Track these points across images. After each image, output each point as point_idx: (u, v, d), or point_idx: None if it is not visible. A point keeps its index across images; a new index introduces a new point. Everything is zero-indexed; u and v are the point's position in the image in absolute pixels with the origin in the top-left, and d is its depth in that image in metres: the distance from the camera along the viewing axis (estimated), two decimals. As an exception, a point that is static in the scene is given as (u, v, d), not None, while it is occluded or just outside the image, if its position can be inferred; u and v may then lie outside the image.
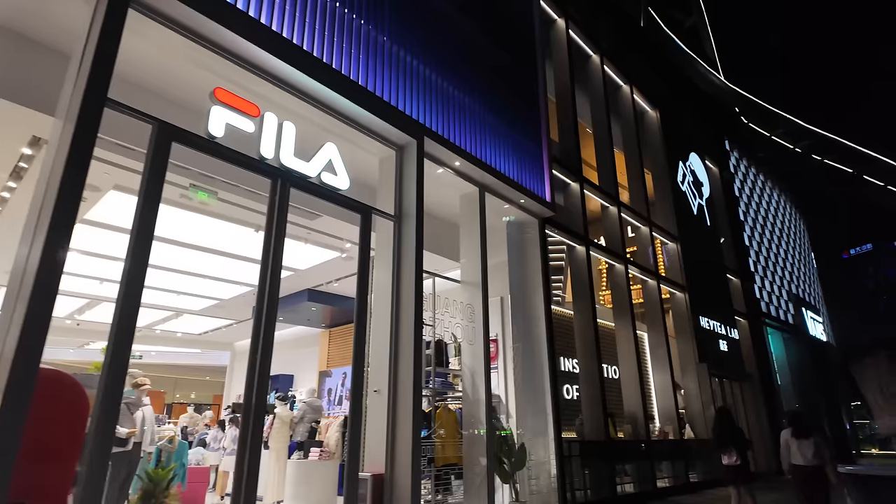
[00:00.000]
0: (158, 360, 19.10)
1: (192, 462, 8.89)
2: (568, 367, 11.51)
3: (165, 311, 13.12)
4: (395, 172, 6.60)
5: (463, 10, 8.24)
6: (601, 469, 9.24)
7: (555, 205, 9.36)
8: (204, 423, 12.16)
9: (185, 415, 12.59)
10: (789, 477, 6.34)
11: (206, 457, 9.64)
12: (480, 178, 8.03)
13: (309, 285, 10.79)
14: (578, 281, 10.62)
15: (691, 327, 13.71)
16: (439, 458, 6.84)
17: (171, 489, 6.22)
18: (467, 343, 7.41)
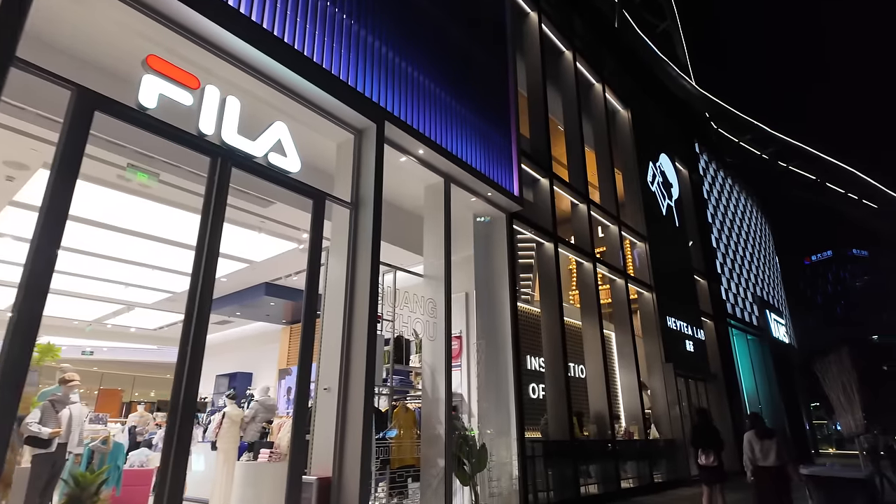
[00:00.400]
0: (111, 356, 18.23)
1: (136, 464, 8.35)
2: (535, 366, 11.30)
3: (116, 305, 12.44)
4: (353, 157, 6.24)
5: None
6: (565, 469, 9.05)
7: (523, 199, 9.12)
8: (155, 423, 11.54)
9: (134, 413, 11.92)
10: (752, 478, 6.41)
11: (152, 458, 9.07)
12: (446, 169, 7.73)
13: (266, 279, 10.31)
14: (546, 278, 10.42)
15: (658, 327, 13.69)
16: (395, 460, 6.50)
17: (101, 494, 5.74)
18: (428, 339, 7.10)
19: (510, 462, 7.89)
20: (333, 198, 5.87)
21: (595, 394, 10.97)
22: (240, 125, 5.02)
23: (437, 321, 7.16)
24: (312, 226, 5.53)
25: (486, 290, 8.79)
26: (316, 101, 5.82)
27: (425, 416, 6.91)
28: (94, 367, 24.86)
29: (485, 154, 8.50)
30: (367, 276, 5.66)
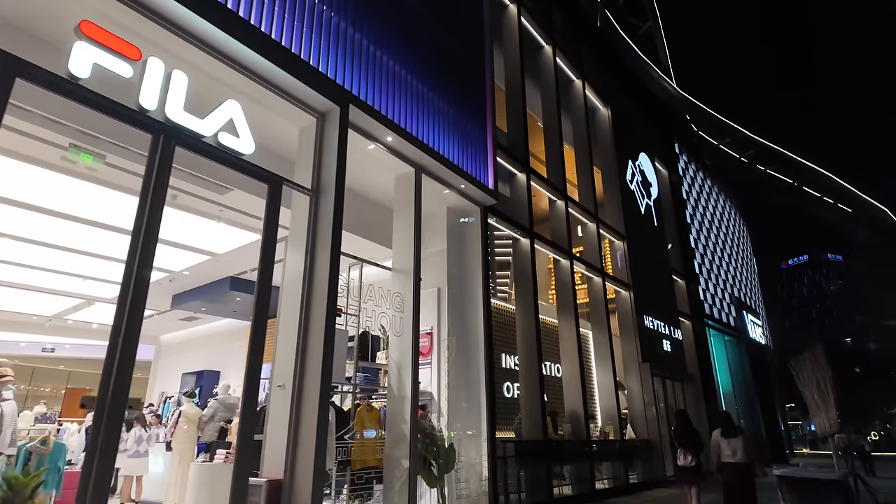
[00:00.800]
0: (73, 353, 17.56)
1: (87, 466, 7.91)
2: (510, 365, 11.08)
3: (75, 299, 11.90)
4: (315, 142, 5.93)
5: (402, -23, 7.64)
6: (538, 470, 8.82)
7: (497, 193, 8.88)
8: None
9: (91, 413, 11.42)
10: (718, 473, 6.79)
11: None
12: (417, 159, 7.44)
13: (232, 272, 9.91)
14: (521, 275, 10.19)
15: (635, 327, 13.57)
16: (357, 461, 6.19)
17: (36, 497, 5.32)
18: (394, 335, 6.80)
19: (480, 463, 7.63)
20: (292, 183, 5.55)
21: (571, 393, 10.78)
22: (189, 103, 4.68)
23: (405, 316, 6.87)
24: (267, 213, 5.20)
25: (459, 285, 8.53)
26: (275, 80, 5.49)
27: (390, 414, 6.62)
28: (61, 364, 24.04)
29: (459, 145, 8.24)
30: (326, 267, 5.35)
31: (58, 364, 23.52)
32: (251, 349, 4.76)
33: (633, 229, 14.88)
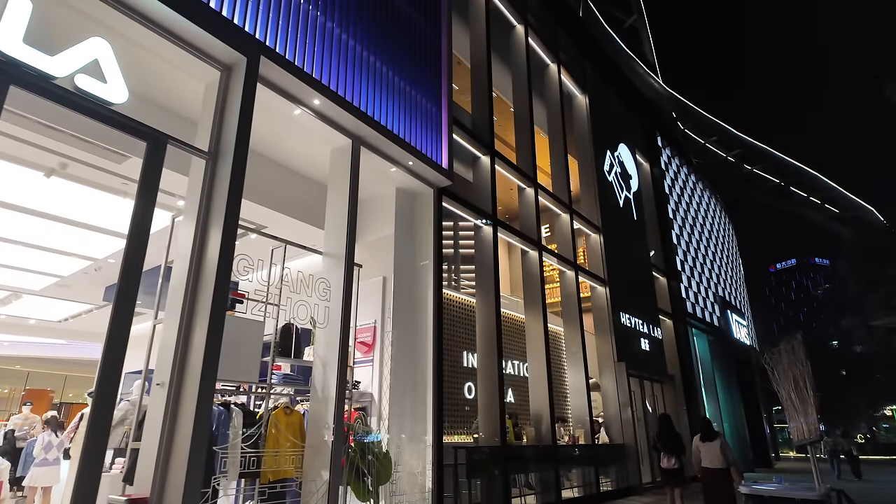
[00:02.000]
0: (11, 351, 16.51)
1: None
2: (473, 363, 10.27)
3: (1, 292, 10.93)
4: (216, 98, 5.07)
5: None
6: (495, 479, 7.99)
7: (452, 173, 8.06)
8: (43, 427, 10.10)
9: (17, 415, 10.45)
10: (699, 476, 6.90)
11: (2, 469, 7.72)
12: (354, 129, 6.61)
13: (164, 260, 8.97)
14: (483, 265, 9.38)
15: (611, 324, 12.80)
16: (269, 472, 5.33)
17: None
18: (319, 327, 5.95)
19: (423, 472, 6.79)
20: (180, 143, 4.68)
21: (537, 394, 9.96)
22: (53, 41, 3.82)
23: (331, 305, 6.02)
24: (143, 176, 4.34)
25: (407, 273, 7.70)
26: (163, 22, 4.63)
27: (312, 418, 5.76)
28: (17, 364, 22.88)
29: (408, 119, 7.41)
30: (218, 241, 4.49)
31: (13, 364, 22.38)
32: (108, 342, 3.89)
33: (611, 222, 14.13)
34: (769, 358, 5.03)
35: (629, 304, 13.88)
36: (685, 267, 18.80)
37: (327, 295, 6.01)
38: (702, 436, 7.09)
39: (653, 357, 14.52)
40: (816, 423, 4.70)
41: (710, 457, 6.84)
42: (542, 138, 13.74)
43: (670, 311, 17.01)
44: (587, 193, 14.15)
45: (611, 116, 16.51)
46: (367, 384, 7.24)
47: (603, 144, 14.95)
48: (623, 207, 15.33)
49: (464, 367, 9.87)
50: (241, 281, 5.44)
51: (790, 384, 4.76)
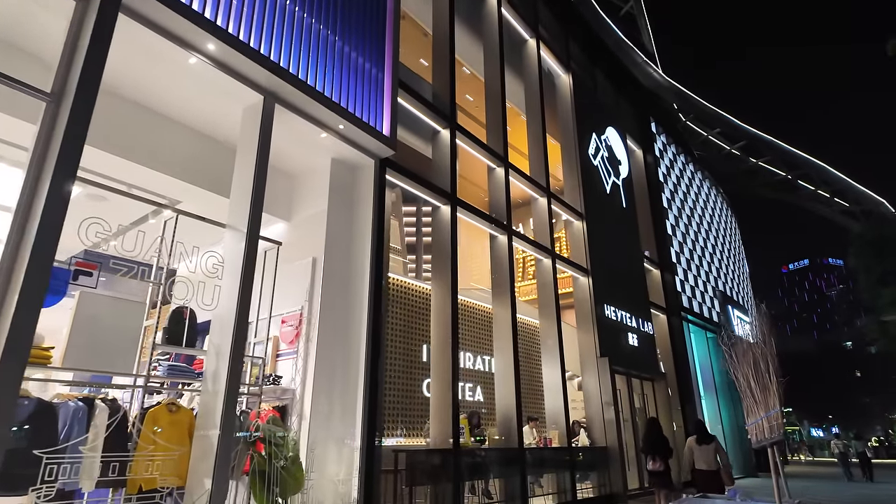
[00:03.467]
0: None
1: None
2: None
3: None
4: (67, 31, 4.23)
5: None
6: (444, 487, 7.07)
7: (395, 141, 7.16)
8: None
9: None
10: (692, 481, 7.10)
11: None
12: (266, 83, 5.74)
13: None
14: (439, 248, 8.49)
15: (593, 317, 11.84)
16: (140, 480, 4.46)
17: None
18: (203, 307, 5.08)
19: (349, 481, 5.89)
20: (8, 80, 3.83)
21: (503, 391, 9.03)
22: None
23: (226, 284, 5.16)
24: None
25: (341, 254, 6.82)
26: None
27: (201, 416, 4.89)
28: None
29: (339, 78, 6.52)
30: (43, 195, 3.64)
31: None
32: None
33: (595, 209, 13.17)
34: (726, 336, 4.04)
35: (616, 296, 12.90)
36: (681, 259, 17.76)
37: (217, 272, 5.13)
38: (697, 438, 7.33)
39: (642, 353, 13.52)
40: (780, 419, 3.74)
41: (705, 459, 7.09)
42: (522, 120, 12.85)
43: (664, 305, 15.99)
44: (570, 177, 13.22)
45: (598, 98, 15.57)
46: (288, 380, 6.35)
47: (588, 126, 14.00)
48: (610, 194, 14.36)
49: (424, 363, 8.97)
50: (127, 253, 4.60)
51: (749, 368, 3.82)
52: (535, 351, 11.49)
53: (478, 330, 10.56)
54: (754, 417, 4.00)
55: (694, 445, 7.33)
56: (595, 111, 14.88)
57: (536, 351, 11.42)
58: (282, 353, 6.58)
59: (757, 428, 4.25)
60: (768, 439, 4.09)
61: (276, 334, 6.70)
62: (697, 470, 7.22)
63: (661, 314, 15.88)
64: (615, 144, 15.39)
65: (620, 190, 15.04)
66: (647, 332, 14.14)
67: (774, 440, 3.84)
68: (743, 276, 27.33)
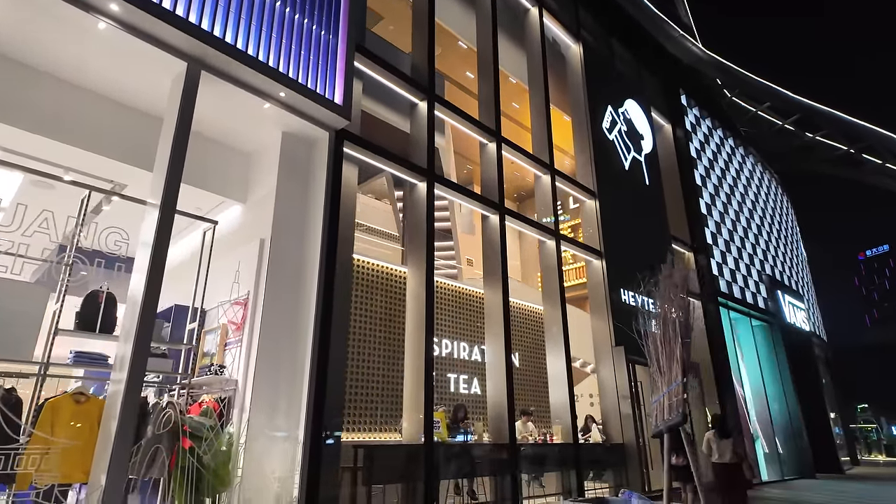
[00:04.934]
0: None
1: None
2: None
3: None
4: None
5: None
6: (414, 486, 6.45)
7: (350, 110, 6.59)
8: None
9: None
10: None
11: None
12: (189, 49, 5.30)
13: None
14: (414, 227, 7.86)
15: (607, 302, 10.87)
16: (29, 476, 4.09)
17: None
18: (98, 290, 4.68)
19: (290, 478, 5.36)
20: None
21: (494, 383, 8.31)
22: None
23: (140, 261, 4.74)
24: None
25: (292, 234, 6.32)
26: None
27: (107, 406, 4.49)
28: None
29: (279, 42, 6.02)
30: None
31: None
32: None
33: (610, 186, 12.14)
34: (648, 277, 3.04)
35: (635, 279, 11.83)
36: (718, 241, 16.30)
37: (121, 248, 4.71)
38: (717, 432, 7.43)
39: (669, 342, 12.35)
40: (681, 395, 2.82)
41: (724, 452, 7.20)
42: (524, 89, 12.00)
43: (697, 290, 14.68)
44: (581, 154, 12.26)
45: (615, 69, 14.46)
46: (232, 368, 5.91)
47: (602, 99, 12.97)
48: (630, 170, 13.26)
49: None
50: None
51: (653, 350, 2.87)
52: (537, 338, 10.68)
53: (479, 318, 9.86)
54: (657, 394, 3.12)
55: (713, 438, 7.44)
56: (611, 82, 13.82)
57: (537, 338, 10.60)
58: (230, 342, 6.15)
59: (658, 408, 3.35)
60: (666, 422, 3.17)
61: (225, 322, 6.28)
62: (717, 464, 7.30)
63: (694, 300, 14.57)
64: (636, 118, 14.24)
65: (643, 166, 13.89)
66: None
67: (671, 424, 2.88)
68: (798, 261, 25.13)
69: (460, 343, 9.54)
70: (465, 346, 9.58)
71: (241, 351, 5.84)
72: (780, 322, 18.38)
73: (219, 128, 6.64)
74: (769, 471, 15.31)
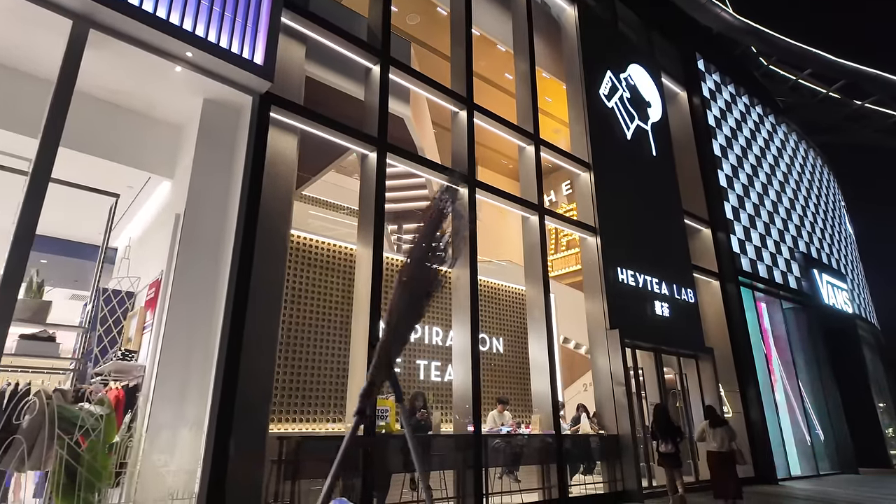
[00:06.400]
0: None
1: None
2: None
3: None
4: None
5: None
6: (351, 482, 5.88)
7: (273, 70, 6.01)
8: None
9: None
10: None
11: None
12: (77, 6, 4.86)
13: None
14: (364, 202, 7.26)
15: (602, 282, 9.99)
16: None
17: None
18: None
19: (193, 471, 4.88)
20: None
21: (459, 369, 7.64)
22: None
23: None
24: None
25: (209, 209, 5.83)
26: None
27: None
28: None
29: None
30: None
31: None
32: None
33: (607, 157, 11.18)
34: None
35: (638, 258, 10.89)
36: (740, 216, 14.98)
37: None
38: (710, 422, 7.90)
39: (678, 326, 11.36)
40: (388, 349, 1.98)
41: (718, 441, 7.67)
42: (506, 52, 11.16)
43: (716, 269, 13.50)
44: (576, 123, 11.33)
45: (617, 32, 13.36)
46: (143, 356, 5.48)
47: (600, 63, 11.97)
48: (633, 140, 12.21)
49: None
50: None
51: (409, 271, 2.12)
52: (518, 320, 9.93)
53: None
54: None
55: (706, 428, 7.91)
56: (612, 46, 12.76)
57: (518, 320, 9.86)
58: (147, 326, 5.73)
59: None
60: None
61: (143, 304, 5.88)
62: (711, 452, 7.81)
63: (714, 280, 13.41)
64: (642, 84, 13.12)
65: (649, 136, 12.79)
66: (686, 300, 11.89)
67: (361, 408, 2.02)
68: (841, 238, 23.13)
69: (433, 328, 8.92)
70: (438, 330, 8.95)
71: (153, 333, 5.41)
72: (816, 304, 16.83)
73: (140, 99, 6.20)
74: (802, 465, 14.02)
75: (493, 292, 10.37)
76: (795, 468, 13.57)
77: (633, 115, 12.43)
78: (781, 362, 15.37)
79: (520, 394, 9.85)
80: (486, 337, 9.85)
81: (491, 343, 9.89)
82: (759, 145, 17.65)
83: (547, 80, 13.25)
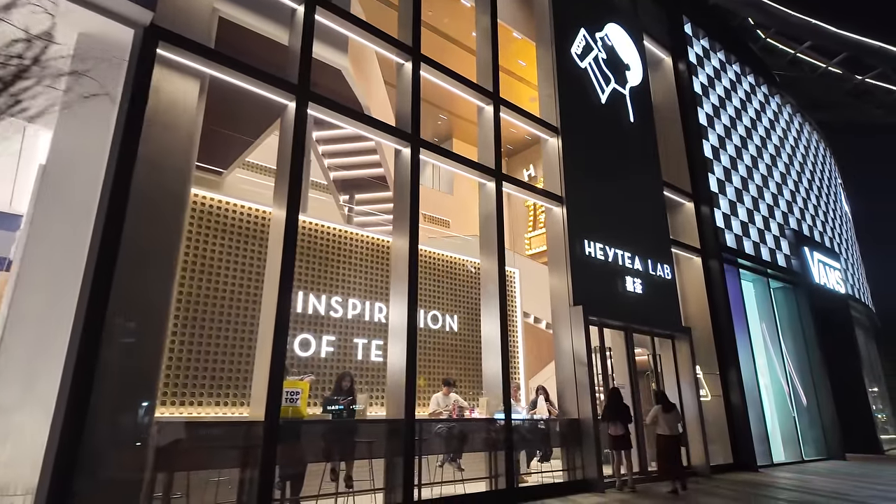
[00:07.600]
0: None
1: None
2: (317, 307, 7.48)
3: None
4: None
5: None
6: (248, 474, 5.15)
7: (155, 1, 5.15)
8: None
9: None
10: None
11: None
12: None
13: None
14: (282, 158, 6.43)
15: (567, 255, 9.20)
16: None
17: None
18: None
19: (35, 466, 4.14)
20: None
21: (394, 349, 6.87)
22: None
23: None
24: None
25: (78, 158, 5.00)
26: None
27: None
28: None
29: None
30: None
31: None
32: None
33: (577, 122, 10.31)
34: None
35: (609, 230, 10.08)
36: (725, 190, 14.12)
37: None
38: (663, 407, 8.32)
39: (653, 304, 10.57)
40: None
41: (669, 425, 8.19)
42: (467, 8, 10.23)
43: (698, 245, 12.68)
44: (545, 84, 10.44)
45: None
46: None
47: (572, 20, 11.02)
48: (608, 105, 11.31)
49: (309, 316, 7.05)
50: None
51: None
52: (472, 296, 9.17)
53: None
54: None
55: (659, 413, 8.30)
56: (588, 2, 11.78)
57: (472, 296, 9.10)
58: (7, 294, 4.95)
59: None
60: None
61: (5, 270, 5.09)
62: (660, 435, 8.28)
63: (696, 256, 12.61)
64: (620, 45, 12.17)
65: (627, 101, 11.88)
66: (662, 276, 11.10)
67: None
68: (837, 216, 22.28)
69: (375, 303, 8.15)
70: (380, 306, 8.18)
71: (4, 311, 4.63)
72: (806, 283, 16.04)
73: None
74: (785, 451, 13.37)
75: (449, 267, 9.60)
76: (779, 454, 12.92)
77: (609, 78, 11.51)
78: (769, 344, 14.65)
79: (474, 375, 9.12)
80: (438, 314, 9.10)
81: (444, 321, 9.14)
82: (749, 116, 16.72)
83: (520, 42, 12.35)
